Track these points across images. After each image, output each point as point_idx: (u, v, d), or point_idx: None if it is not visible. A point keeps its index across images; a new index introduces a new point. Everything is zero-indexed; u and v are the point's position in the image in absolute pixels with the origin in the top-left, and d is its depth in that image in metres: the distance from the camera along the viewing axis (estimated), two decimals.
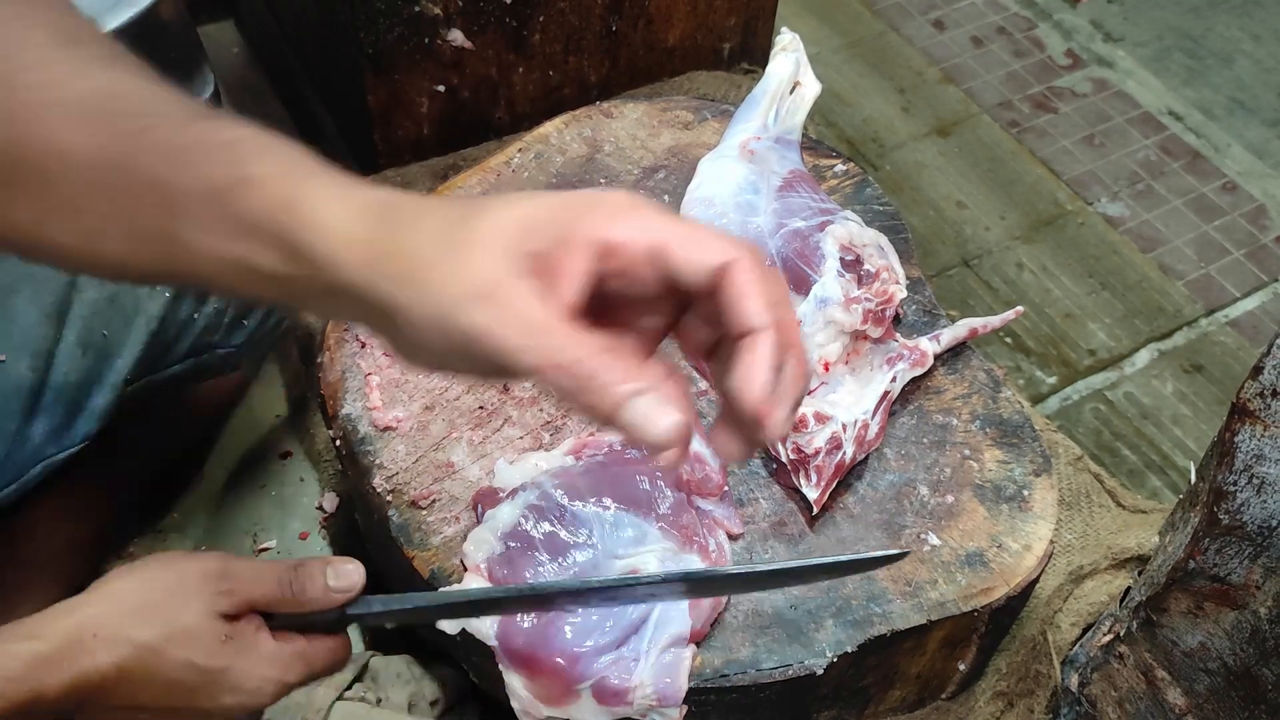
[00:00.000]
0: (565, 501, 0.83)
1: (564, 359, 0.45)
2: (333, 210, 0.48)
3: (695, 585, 0.68)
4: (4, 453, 0.85)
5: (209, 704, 0.65)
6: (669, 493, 0.84)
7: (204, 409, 1.12)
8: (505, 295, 0.46)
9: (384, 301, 0.47)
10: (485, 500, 0.86)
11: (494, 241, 0.47)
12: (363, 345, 1.02)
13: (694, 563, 0.83)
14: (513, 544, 0.81)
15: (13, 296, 0.85)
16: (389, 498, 0.93)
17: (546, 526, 0.81)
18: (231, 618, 0.65)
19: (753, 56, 1.61)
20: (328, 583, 0.67)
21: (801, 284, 0.98)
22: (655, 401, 0.46)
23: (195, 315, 0.95)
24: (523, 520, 0.82)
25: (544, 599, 0.69)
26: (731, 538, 0.89)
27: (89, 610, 0.63)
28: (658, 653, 0.78)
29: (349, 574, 0.67)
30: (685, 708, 0.80)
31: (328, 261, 0.48)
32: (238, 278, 0.51)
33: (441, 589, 0.74)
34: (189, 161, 0.50)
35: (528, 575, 0.79)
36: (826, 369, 0.95)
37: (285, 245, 0.48)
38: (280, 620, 0.68)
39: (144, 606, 0.63)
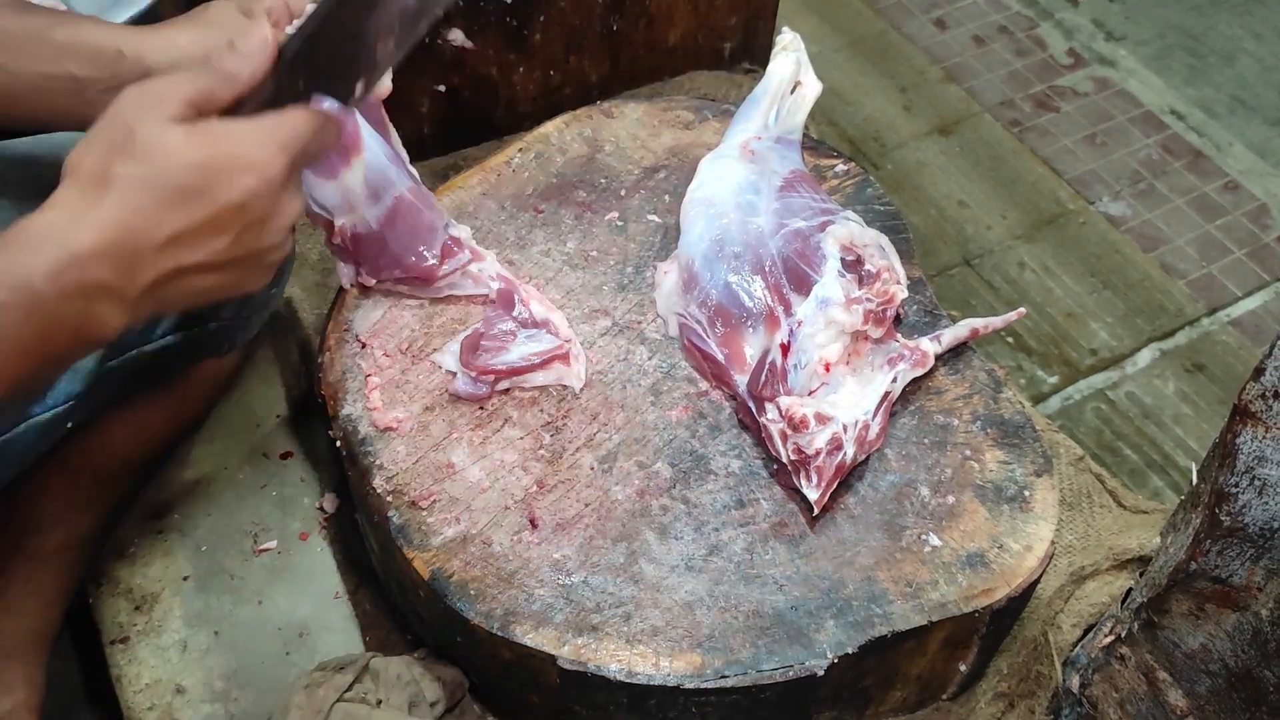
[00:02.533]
0: None
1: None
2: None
3: None
4: None
5: (233, 193, 0.65)
6: None
7: (199, 392, 1.12)
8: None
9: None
10: None
11: None
12: (363, 346, 1.01)
13: None
14: None
15: None
16: (389, 498, 0.93)
17: None
18: (186, 124, 0.66)
19: (754, 56, 1.61)
20: (235, 46, 0.71)
21: (802, 284, 0.98)
22: None
23: None
24: None
25: None
26: None
27: (67, 181, 0.65)
28: None
29: (252, 31, 0.70)
30: None
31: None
32: (52, 88, 0.78)
33: None
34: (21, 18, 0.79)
35: None
36: (827, 369, 0.95)
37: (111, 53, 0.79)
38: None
39: (111, 149, 0.64)
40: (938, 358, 1.00)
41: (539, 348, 0.99)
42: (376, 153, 0.94)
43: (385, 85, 0.92)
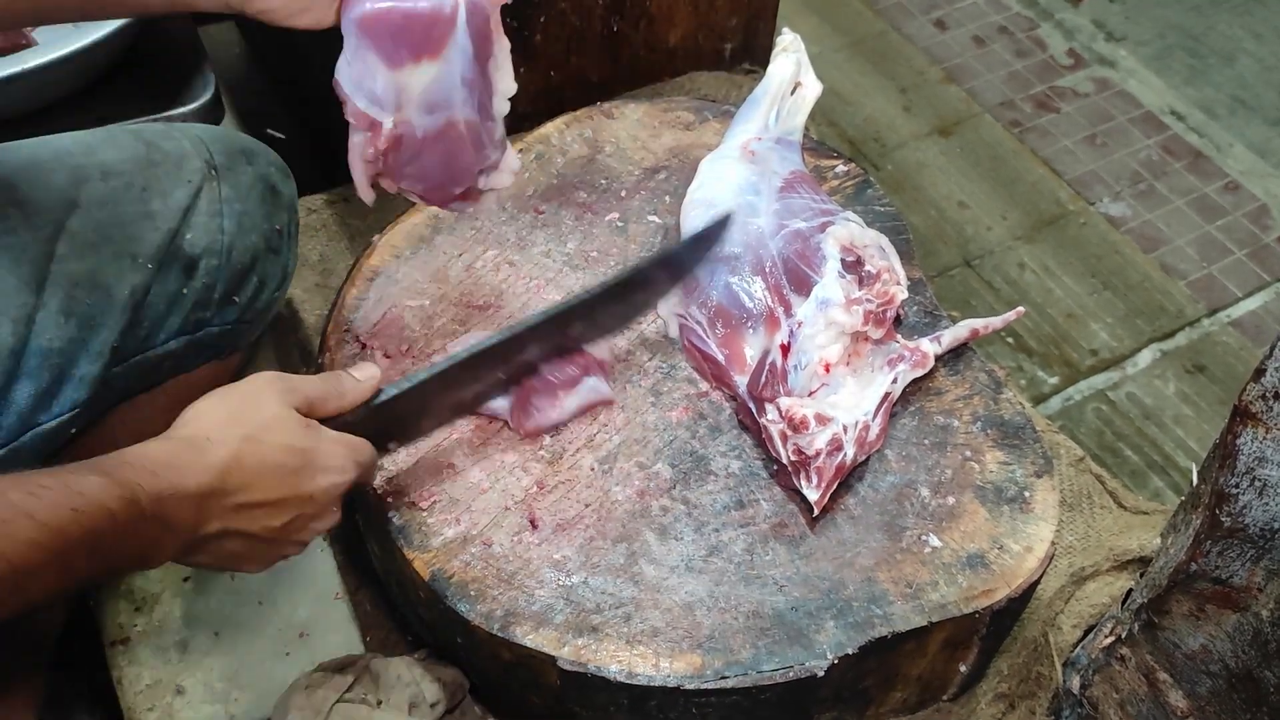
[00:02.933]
0: None
1: None
2: None
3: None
4: None
5: (310, 486, 0.77)
6: None
7: (200, 392, 1.12)
8: None
9: None
10: None
11: None
12: (363, 347, 1.02)
13: None
14: None
15: None
16: (389, 499, 0.93)
17: None
18: (299, 414, 0.78)
19: (754, 57, 1.61)
20: (354, 375, 0.83)
21: (802, 285, 0.98)
22: None
23: (184, 290, 0.96)
24: None
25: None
26: None
27: (189, 429, 0.74)
28: None
29: (366, 368, 0.84)
30: None
31: None
32: None
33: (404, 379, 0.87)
34: None
35: None
36: (827, 370, 0.95)
37: None
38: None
39: (234, 413, 0.75)
40: (938, 358, 1.00)
41: (590, 399, 0.97)
42: (454, 70, 0.87)
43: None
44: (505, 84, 0.94)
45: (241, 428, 0.74)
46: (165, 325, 0.96)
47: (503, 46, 0.91)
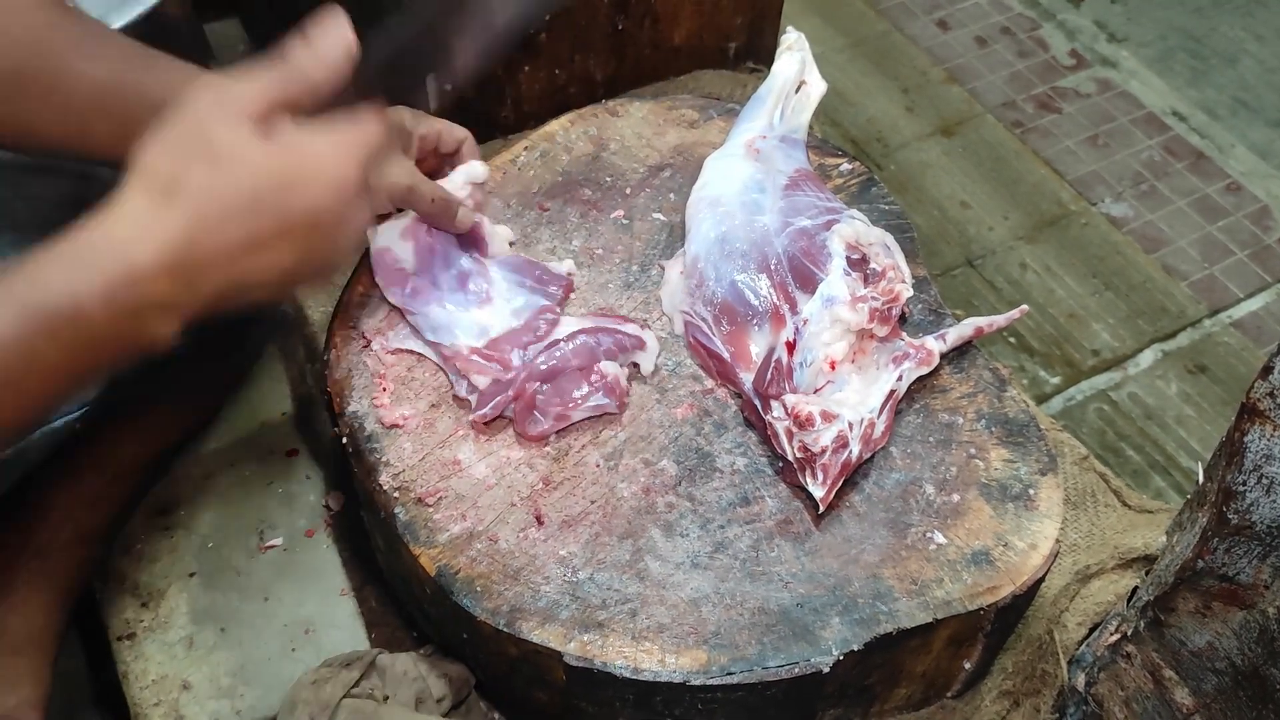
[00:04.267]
0: None
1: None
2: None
3: None
4: None
5: (306, 206, 0.63)
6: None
7: (208, 391, 1.12)
8: None
9: None
10: None
11: None
12: (368, 344, 1.02)
13: None
14: None
15: None
16: (395, 495, 0.93)
17: None
18: (260, 125, 0.62)
19: (758, 56, 1.62)
20: (309, 44, 0.66)
21: (808, 283, 0.98)
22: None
23: None
24: None
25: None
26: None
27: (137, 189, 0.61)
28: None
29: (324, 22, 0.67)
30: None
31: None
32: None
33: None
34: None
35: None
36: (833, 367, 0.95)
37: None
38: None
39: (179, 155, 0.61)
40: (942, 356, 1.01)
41: (592, 413, 0.97)
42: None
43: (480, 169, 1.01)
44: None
45: (198, 173, 0.60)
46: None
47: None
